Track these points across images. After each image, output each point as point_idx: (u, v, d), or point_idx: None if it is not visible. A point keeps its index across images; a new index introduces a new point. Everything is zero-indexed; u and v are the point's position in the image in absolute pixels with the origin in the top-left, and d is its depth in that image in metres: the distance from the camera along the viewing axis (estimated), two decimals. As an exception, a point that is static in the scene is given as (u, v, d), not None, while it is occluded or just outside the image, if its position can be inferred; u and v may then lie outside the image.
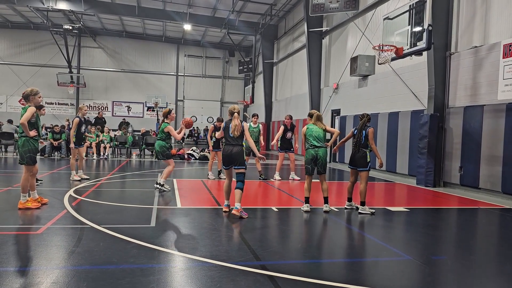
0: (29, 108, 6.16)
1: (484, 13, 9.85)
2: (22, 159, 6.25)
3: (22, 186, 6.26)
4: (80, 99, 30.99)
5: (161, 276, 3.63)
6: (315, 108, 18.84)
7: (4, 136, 16.08)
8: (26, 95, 6.26)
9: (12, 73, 29.50)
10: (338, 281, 3.61)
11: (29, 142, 6.23)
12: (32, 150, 6.26)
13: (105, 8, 23.95)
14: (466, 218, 7.26)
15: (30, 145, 6.23)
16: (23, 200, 6.28)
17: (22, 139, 6.26)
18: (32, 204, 6.30)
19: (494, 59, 9.24)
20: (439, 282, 3.78)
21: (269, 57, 26.48)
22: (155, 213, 6.21)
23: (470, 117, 9.84)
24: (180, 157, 16.69)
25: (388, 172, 13.10)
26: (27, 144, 6.22)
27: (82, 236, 4.78)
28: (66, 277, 3.53)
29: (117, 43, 31.27)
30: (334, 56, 18.27)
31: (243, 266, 3.90)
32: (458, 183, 10.20)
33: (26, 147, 6.22)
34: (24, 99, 6.30)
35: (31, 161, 6.27)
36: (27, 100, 6.28)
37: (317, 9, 15.46)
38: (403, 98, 12.66)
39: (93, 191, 8.15)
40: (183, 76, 32.72)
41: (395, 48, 10.45)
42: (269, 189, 9.50)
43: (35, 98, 6.29)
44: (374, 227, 6.17)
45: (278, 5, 22.88)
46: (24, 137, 6.24)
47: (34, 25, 28.82)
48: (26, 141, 6.22)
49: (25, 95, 6.27)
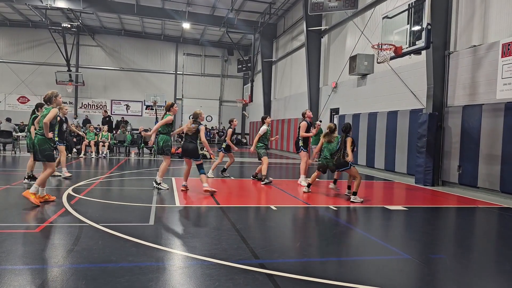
0: (52, 109, 6.47)
1: (483, 12, 9.86)
2: (41, 157, 6.49)
3: (42, 180, 6.47)
4: (78, 98, 30.96)
5: (160, 275, 3.62)
6: (313, 107, 18.85)
7: (2, 134, 16.02)
8: (48, 97, 6.59)
9: (10, 72, 29.43)
10: (337, 280, 3.61)
11: (46, 141, 6.48)
12: (50, 147, 6.56)
13: (103, 6, 23.90)
14: (464, 217, 7.28)
15: (47, 143, 6.49)
16: (41, 194, 6.50)
17: (38, 137, 6.49)
18: (35, 199, 6.36)
19: (493, 58, 9.25)
20: (438, 281, 3.78)
21: (268, 56, 26.47)
22: (153, 212, 6.20)
23: (468, 116, 9.85)
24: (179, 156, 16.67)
25: (387, 171, 13.12)
26: (43, 142, 6.46)
27: (81, 235, 4.77)
28: (64, 275, 3.52)
29: (116, 41, 31.23)
30: (333, 55, 18.27)
31: (242, 265, 3.90)
32: (456, 182, 10.21)
33: (44, 145, 6.47)
34: (47, 101, 6.60)
35: (52, 158, 6.57)
36: (49, 102, 6.60)
37: (316, 8, 15.45)
38: (402, 97, 12.67)
39: (91, 189, 8.14)
40: (182, 75, 32.69)
41: (394, 47, 10.46)
42: (269, 188, 9.49)
43: (56, 99, 6.64)
44: (373, 226, 6.18)
45: (277, 3, 22.87)
46: (41, 136, 6.48)
47: (32, 23, 28.76)
48: (43, 140, 6.46)
49: (47, 97, 6.60)
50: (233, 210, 6.69)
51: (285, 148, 22.98)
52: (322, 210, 7.01)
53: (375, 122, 13.83)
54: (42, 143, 6.46)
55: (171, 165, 14.09)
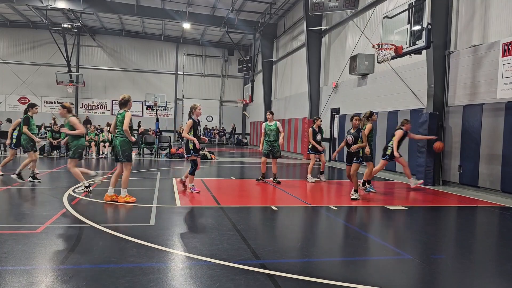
0: (126, 114, 6.77)
1: (483, 12, 9.85)
2: (122, 157, 6.82)
3: (124, 182, 6.81)
4: (79, 98, 30.97)
5: (161, 275, 3.62)
6: (314, 107, 18.86)
7: (3, 135, 16.03)
8: (125, 101, 6.83)
9: (11, 72, 29.44)
10: (337, 280, 3.60)
11: (126, 142, 6.79)
12: (131, 149, 6.91)
13: (104, 7, 23.91)
14: (465, 217, 7.27)
15: (128, 144, 6.82)
16: (123, 195, 6.79)
17: (119, 139, 6.80)
18: (130, 199, 6.80)
19: (493, 58, 9.24)
20: (439, 281, 3.78)
21: (269, 56, 26.46)
22: (154, 212, 6.20)
23: (469, 116, 9.84)
24: (180, 156, 16.68)
25: (387, 171, 13.11)
26: (124, 144, 6.79)
27: (82, 235, 4.77)
28: (65, 276, 3.52)
29: (116, 42, 31.24)
30: (333, 55, 18.26)
31: (243, 265, 3.90)
32: (457, 182, 10.21)
33: (125, 146, 6.78)
34: (122, 105, 6.83)
35: (131, 159, 6.92)
36: (124, 105, 6.83)
37: (317, 8, 15.44)
38: (403, 97, 12.67)
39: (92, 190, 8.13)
40: (182, 75, 32.68)
41: (395, 46, 10.45)
42: (269, 188, 9.50)
43: (130, 103, 6.92)
44: (373, 226, 6.18)
45: (277, 3, 22.86)
46: (122, 138, 6.78)
47: (33, 24, 28.77)
48: (124, 142, 6.79)
49: (123, 101, 6.83)
50: (234, 211, 6.69)
51: (285, 148, 22.97)
52: (323, 210, 7.01)
53: (375, 122, 13.79)
54: (123, 144, 6.78)
55: (172, 165, 14.09)
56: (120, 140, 6.80)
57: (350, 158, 8.01)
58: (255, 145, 29.07)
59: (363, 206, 7.34)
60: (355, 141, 7.85)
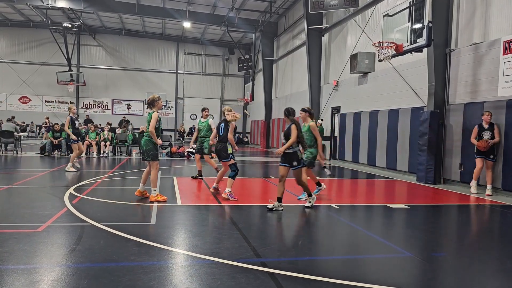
0: (153, 114, 6.72)
1: (484, 10, 9.83)
2: (147, 156, 6.85)
3: (152, 181, 6.83)
4: (80, 97, 30.98)
5: (162, 274, 3.63)
6: (314, 105, 18.84)
7: (4, 134, 16.03)
8: (152, 101, 6.80)
9: (11, 72, 29.46)
10: (338, 278, 3.61)
11: (152, 142, 6.79)
12: (156, 148, 6.88)
13: (104, 6, 23.90)
14: (466, 215, 7.27)
15: (154, 144, 6.81)
16: (154, 194, 6.81)
17: (145, 139, 6.85)
18: (161, 197, 6.83)
19: (494, 56, 9.22)
20: (440, 279, 3.78)
21: (269, 55, 26.45)
22: (155, 211, 6.21)
23: (470, 114, 9.83)
24: (180, 155, 16.69)
25: (388, 169, 13.11)
26: (149, 143, 6.79)
27: (83, 234, 4.78)
28: (67, 274, 3.53)
29: (116, 41, 31.22)
30: (334, 53, 18.24)
31: (244, 263, 3.90)
32: (458, 180, 10.19)
33: (149, 145, 6.79)
34: (150, 104, 6.80)
35: (156, 158, 6.91)
36: (152, 105, 6.79)
37: (317, 6, 15.42)
38: (403, 95, 12.65)
39: (93, 189, 8.15)
40: (183, 74, 32.67)
41: (395, 45, 10.44)
42: (269, 186, 9.50)
43: (158, 103, 6.85)
44: (374, 224, 6.18)
45: (277, 2, 22.84)
46: (148, 138, 6.80)
47: (33, 23, 28.77)
48: (150, 141, 6.79)
49: (150, 101, 6.80)
50: (235, 209, 6.69)
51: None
52: (324, 208, 7.00)
53: (376, 120, 13.82)
54: (147, 143, 6.80)
55: (173, 164, 14.10)
56: (145, 140, 6.84)
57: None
58: (256, 143, 29.08)
59: (364, 205, 7.34)
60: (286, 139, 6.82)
